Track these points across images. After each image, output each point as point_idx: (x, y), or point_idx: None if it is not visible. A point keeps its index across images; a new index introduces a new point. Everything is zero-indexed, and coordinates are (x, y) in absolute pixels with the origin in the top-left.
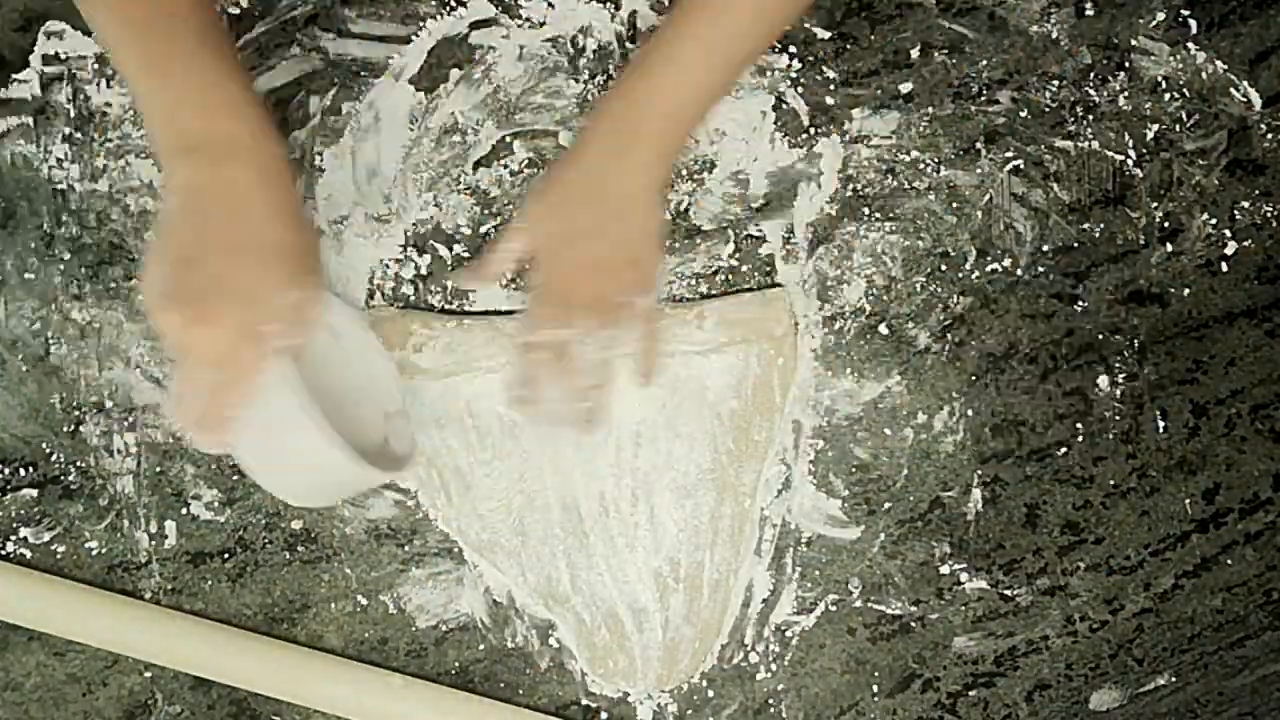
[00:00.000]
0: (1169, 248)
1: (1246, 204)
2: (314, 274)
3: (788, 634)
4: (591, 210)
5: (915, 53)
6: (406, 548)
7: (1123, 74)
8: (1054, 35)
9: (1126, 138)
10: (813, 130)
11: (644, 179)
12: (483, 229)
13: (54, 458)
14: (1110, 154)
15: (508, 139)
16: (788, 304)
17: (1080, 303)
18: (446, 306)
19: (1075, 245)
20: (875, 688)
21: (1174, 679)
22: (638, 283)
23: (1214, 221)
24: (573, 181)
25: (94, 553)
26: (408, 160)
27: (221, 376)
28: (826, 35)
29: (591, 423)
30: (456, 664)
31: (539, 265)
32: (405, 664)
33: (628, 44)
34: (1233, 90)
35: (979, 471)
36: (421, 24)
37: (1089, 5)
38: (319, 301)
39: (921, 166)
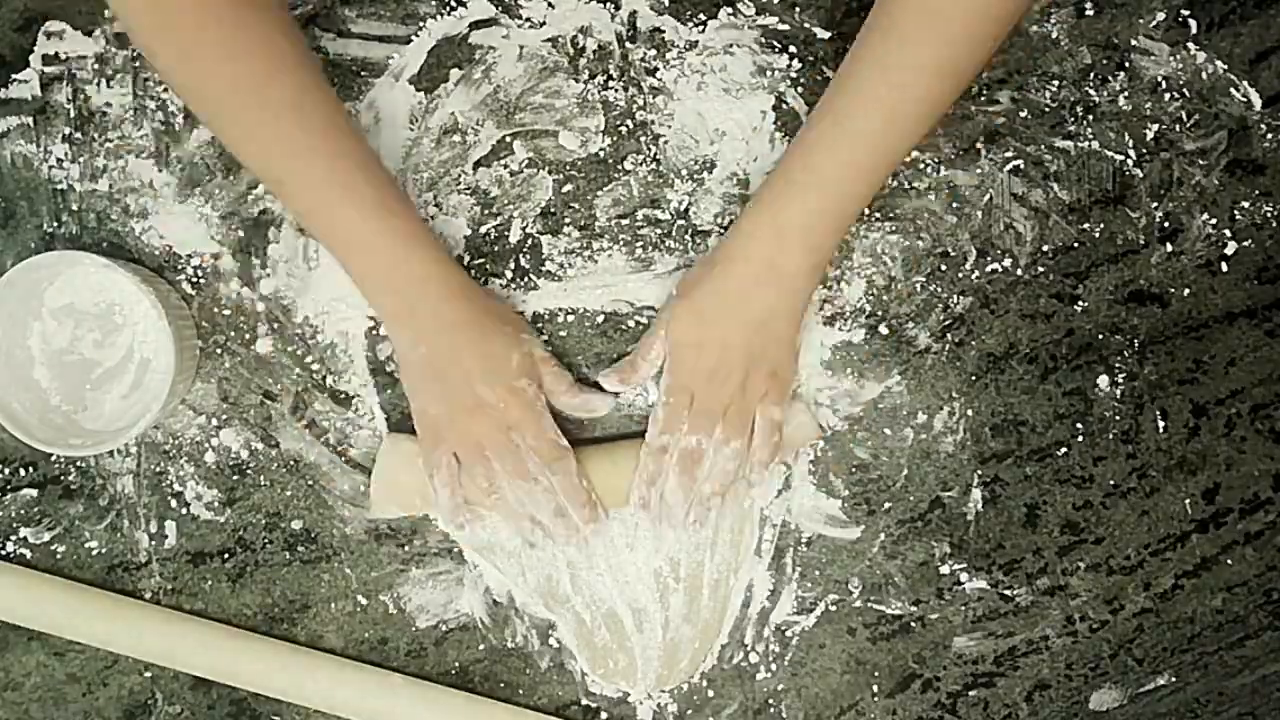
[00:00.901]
0: (1169, 248)
1: (1246, 204)
2: (518, 330)
3: (788, 634)
4: (736, 323)
5: None
6: (406, 548)
7: (1123, 74)
8: (1054, 35)
9: (1126, 138)
10: None
11: (790, 297)
12: (482, 229)
13: (54, 458)
14: (1110, 154)
15: (508, 139)
16: (811, 416)
17: (1080, 303)
18: None
19: (1075, 245)
20: (875, 688)
21: (1174, 679)
22: (774, 397)
23: (1214, 221)
24: (718, 293)
25: (94, 553)
26: (408, 160)
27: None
28: (826, 35)
29: (703, 522)
30: (456, 664)
31: (679, 369)
32: (405, 664)
33: (627, 44)
34: (1233, 90)
35: (979, 471)
36: (421, 24)
37: (1089, 5)
38: (534, 345)
39: (921, 166)
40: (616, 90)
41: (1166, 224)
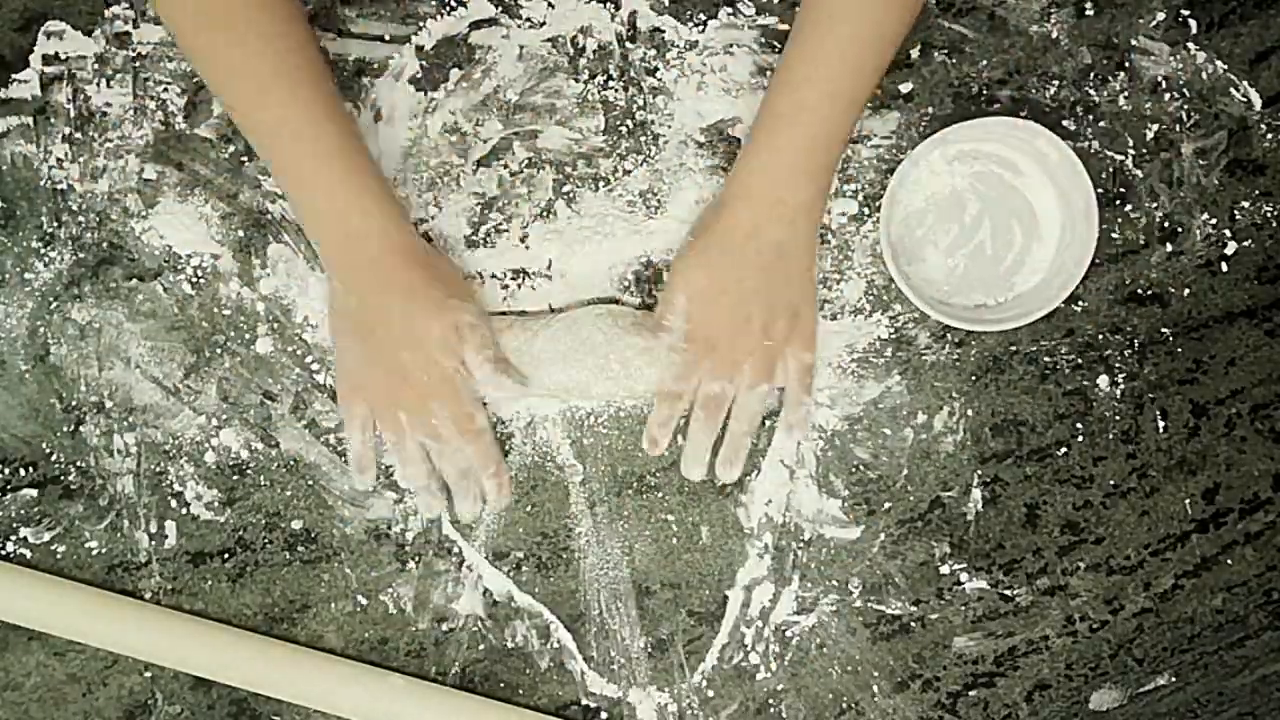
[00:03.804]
0: (1169, 248)
1: (1246, 204)
2: (455, 296)
3: (788, 634)
4: (750, 265)
5: (915, 53)
6: (406, 548)
7: (1123, 74)
8: (1054, 35)
9: (1126, 138)
10: None
11: (799, 228)
12: (482, 229)
13: (54, 458)
14: (1110, 154)
15: (508, 139)
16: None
17: (1080, 303)
18: None
19: None
20: (875, 688)
21: (1174, 679)
22: (798, 340)
23: (1214, 221)
24: (727, 235)
25: (94, 553)
26: (407, 160)
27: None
28: None
29: (734, 471)
30: (456, 664)
31: (698, 319)
32: (405, 664)
33: (627, 44)
34: (1233, 90)
35: (979, 471)
36: (421, 24)
37: (1089, 5)
38: (474, 314)
39: None
40: (616, 90)
41: (1166, 224)
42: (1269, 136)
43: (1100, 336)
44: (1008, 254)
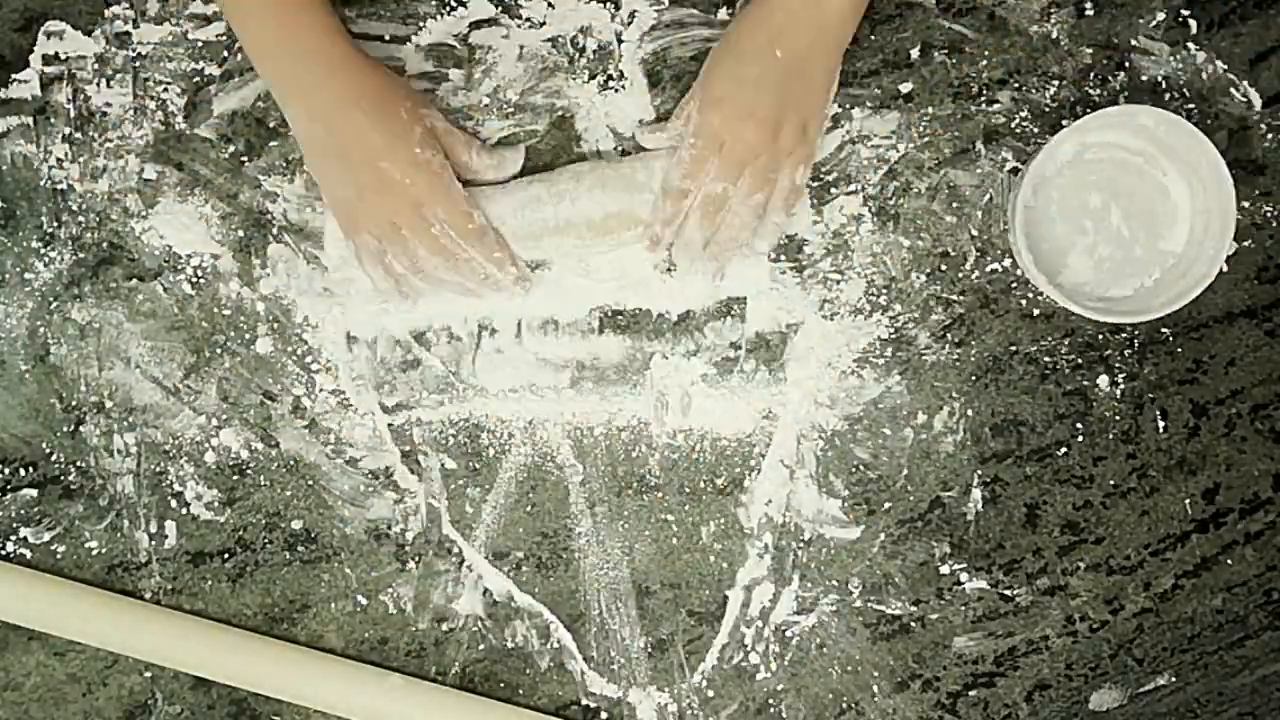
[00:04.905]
0: None
1: (1246, 204)
2: (418, 105)
3: (788, 634)
4: (773, 63)
5: (915, 53)
6: (406, 548)
7: (1123, 74)
8: (1054, 35)
9: None
10: None
11: (830, 36)
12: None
13: (54, 458)
14: None
15: (508, 139)
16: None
17: None
18: None
19: None
20: (875, 688)
21: (1174, 679)
22: (799, 156)
23: None
24: (756, 32)
25: (94, 553)
26: None
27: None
28: None
29: (713, 268)
30: (456, 664)
31: (712, 112)
32: (405, 664)
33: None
34: (1233, 90)
35: (979, 471)
36: (421, 24)
37: (1089, 5)
38: (442, 119)
39: (921, 166)
40: (617, 90)
41: None
42: (1269, 136)
43: (1100, 336)
44: (1137, 244)
